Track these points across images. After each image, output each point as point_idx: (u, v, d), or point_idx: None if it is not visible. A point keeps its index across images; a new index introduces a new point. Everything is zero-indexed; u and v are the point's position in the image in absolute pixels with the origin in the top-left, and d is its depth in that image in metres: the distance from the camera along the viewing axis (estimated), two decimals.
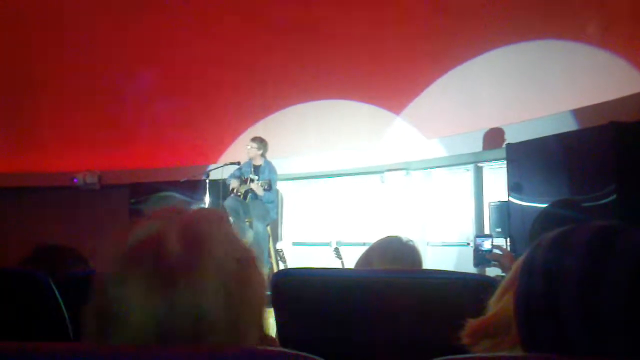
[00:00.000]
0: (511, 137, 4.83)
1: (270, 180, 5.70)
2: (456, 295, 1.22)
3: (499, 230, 4.73)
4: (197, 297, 0.68)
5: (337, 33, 6.51)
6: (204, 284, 0.69)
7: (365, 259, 1.87)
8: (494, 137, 5.18)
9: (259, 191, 5.68)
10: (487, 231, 5.05)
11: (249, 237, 5.69)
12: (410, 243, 1.91)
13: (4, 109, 7.69)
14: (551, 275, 0.70)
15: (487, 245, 3.31)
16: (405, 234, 1.98)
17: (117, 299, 0.69)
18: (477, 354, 0.75)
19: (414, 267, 1.82)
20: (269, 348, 0.66)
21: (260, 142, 5.94)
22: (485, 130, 5.26)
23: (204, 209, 0.77)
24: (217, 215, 0.78)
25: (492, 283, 1.00)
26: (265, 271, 5.49)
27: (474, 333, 0.80)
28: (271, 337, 1.95)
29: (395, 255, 1.82)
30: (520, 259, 0.78)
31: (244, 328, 0.71)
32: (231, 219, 5.72)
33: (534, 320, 0.71)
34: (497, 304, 0.81)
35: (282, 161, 6.25)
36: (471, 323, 0.81)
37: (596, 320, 0.65)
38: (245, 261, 0.74)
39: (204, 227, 0.74)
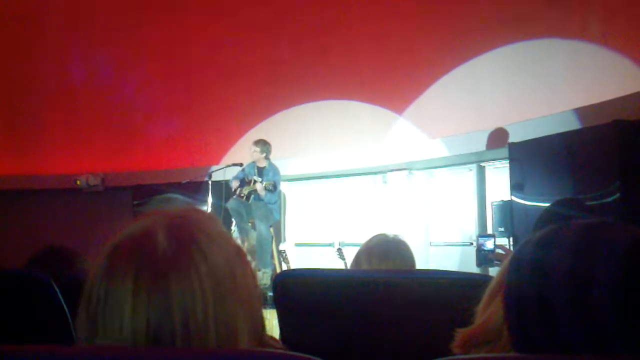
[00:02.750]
0: (514, 136, 4.82)
1: (275, 182, 5.70)
2: (459, 295, 1.22)
3: (502, 229, 4.73)
4: (187, 296, 0.66)
5: (339, 34, 6.51)
6: (195, 283, 0.67)
7: (355, 261, 1.86)
8: (497, 138, 5.18)
9: (262, 192, 5.67)
10: (490, 231, 5.04)
11: (251, 238, 5.69)
12: (396, 239, 1.87)
13: (7, 111, 7.71)
14: (540, 274, 0.70)
15: (489, 245, 3.30)
16: (394, 231, 1.95)
17: (104, 298, 0.68)
18: (479, 355, 0.74)
19: (403, 263, 1.80)
20: (272, 350, 0.66)
21: (264, 145, 5.93)
22: (488, 130, 5.25)
23: (192, 208, 0.75)
24: (206, 214, 0.77)
25: None
26: (268, 272, 5.51)
27: (464, 343, 0.79)
28: (274, 338, 1.95)
29: (381, 254, 1.79)
30: (507, 262, 0.77)
31: (236, 329, 0.69)
32: (234, 220, 5.73)
33: (526, 320, 0.69)
34: (486, 310, 0.79)
35: (285, 162, 6.25)
36: (461, 332, 0.80)
37: (588, 317, 0.65)
38: (236, 261, 0.73)
39: (193, 225, 0.73)
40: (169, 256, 0.68)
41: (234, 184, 5.93)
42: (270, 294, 1.50)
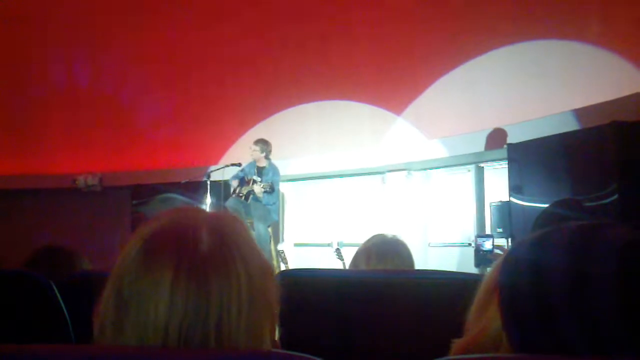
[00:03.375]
0: (512, 137, 4.83)
1: (272, 183, 5.69)
2: (457, 295, 1.22)
3: (500, 230, 4.73)
4: (224, 295, 0.66)
5: (339, 34, 6.51)
6: (233, 284, 0.67)
7: (353, 261, 1.86)
8: (496, 138, 5.18)
9: (260, 194, 5.67)
10: (488, 231, 5.05)
11: None
12: (394, 239, 1.87)
13: (6, 111, 7.70)
14: (536, 274, 0.69)
15: (488, 245, 3.31)
16: (392, 232, 1.95)
17: (137, 289, 0.66)
18: (478, 355, 0.74)
19: (402, 263, 1.80)
20: (273, 350, 0.66)
21: (263, 144, 5.93)
22: (487, 130, 5.26)
23: (228, 213, 0.74)
24: (239, 219, 0.78)
25: None
26: None
27: (461, 354, 0.78)
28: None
29: (379, 255, 1.79)
30: (498, 264, 0.77)
31: (263, 332, 0.70)
32: None
33: (523, 321, 0.69)
34: (480, 318, 0.79)
35: (283, 162, 6.25)
36: (457, 343, 0.80)
37: (585, 317, 0.65)
38: (267, 270, 0.74)
39: (234, 229, 0.73)
40: (212, 254, 0.68)
41: (234, 184, 5.93)
42: None
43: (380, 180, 6.22)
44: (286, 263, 5.54)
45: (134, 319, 0.66)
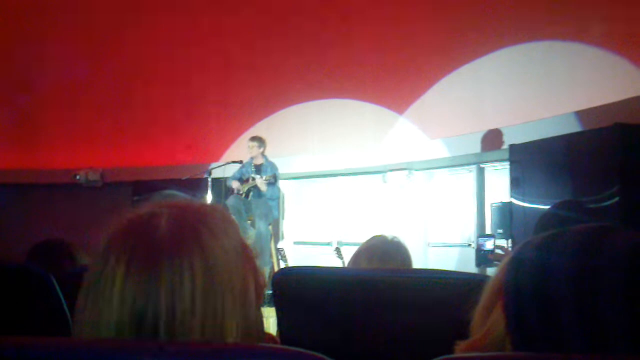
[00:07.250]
0: (514, 138, 4.82)
1: (275, 174, 5.72)
2: (457, 294, 1.22)
3: (501, 231, 4.73)
4: (176, 284, 0.66)
5: (340, 32, 6.51)
6: (185, 273, 0.66)
7: (353, 261, 1.86)
8: (493, 139, 5.18)
9: (263, 187, 5.68)
10: (488, 232, 5.04)
11: (250, 236, 5.69)
12: (396, 240, 1.89)
13: (6, 106, 7.70)
14: (541, 276, 0.69)
15: (489, 245, 3.31)
16: (391, 233, 1.96)
17: (95, 281, 0.68)
18: (477, 353, 0.73)
19: (403, 264, 1.82)
20: (272, 345, 0.66)
21: (259, 140, 5.98)
22: (487, 131, 5.26)
23: (202, 202, 0.75)
24: (215, 210, 0.76)
25: None
26: (267, 270, 5.51)
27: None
28: (271, 335, 1.95)
29: (381, 255, 1.81)
30: (503, 265, 0.76)
31: (224, 324, 0.68)
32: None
33: (526, 321, 0.69)
34: (485, 320, 0.78)
35: (284, 160, 6.25)
36: (461, 345, 0.79)
37: (590, 320, 0.65)
38: (236, 260, 0.72)
39: (198, 217, 0.72)
40: (166, 242, 0.68)
41: (234, 185, 5.93)
42: (269, 291, 1.51)
43: (381, 179, 6.22)
44: (286, 261, 5.54)
45: (90, 311, 0.68)
